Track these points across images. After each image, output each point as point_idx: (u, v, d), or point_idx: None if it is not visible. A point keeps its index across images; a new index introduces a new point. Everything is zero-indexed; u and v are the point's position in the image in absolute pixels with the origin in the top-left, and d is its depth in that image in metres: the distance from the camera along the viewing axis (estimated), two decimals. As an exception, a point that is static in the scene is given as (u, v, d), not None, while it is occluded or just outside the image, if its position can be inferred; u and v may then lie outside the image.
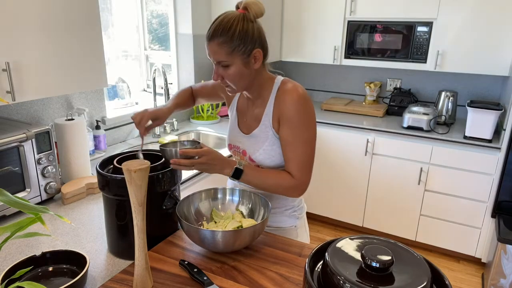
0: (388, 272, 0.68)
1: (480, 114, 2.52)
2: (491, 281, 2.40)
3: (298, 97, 1.20)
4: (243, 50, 1.13)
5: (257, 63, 1.18)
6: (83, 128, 1.66)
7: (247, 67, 1.17)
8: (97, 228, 1.34)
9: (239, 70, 1.16)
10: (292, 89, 1.22)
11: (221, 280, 1.02)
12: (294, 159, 1.23)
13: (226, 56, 1.13)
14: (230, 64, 1.15)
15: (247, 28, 1.12)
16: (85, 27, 1.53)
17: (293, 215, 1.41)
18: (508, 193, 2.49)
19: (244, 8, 1.14)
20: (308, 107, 1.22)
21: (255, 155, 1.29)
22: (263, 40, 1.18)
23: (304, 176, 1.23)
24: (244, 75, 1.18)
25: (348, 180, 3.07)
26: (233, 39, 1.11)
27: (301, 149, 1.22)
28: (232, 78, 1.18)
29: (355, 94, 3.51)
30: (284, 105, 1.21)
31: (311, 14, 3.13)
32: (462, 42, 2.67)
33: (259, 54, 1.17)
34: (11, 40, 1.31)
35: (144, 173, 0.93)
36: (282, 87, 1.24)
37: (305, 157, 1.23)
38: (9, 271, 0.97)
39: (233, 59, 1.14)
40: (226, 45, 1.12)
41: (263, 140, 1.27)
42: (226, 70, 1.17)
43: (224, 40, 1.12)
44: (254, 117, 1.31)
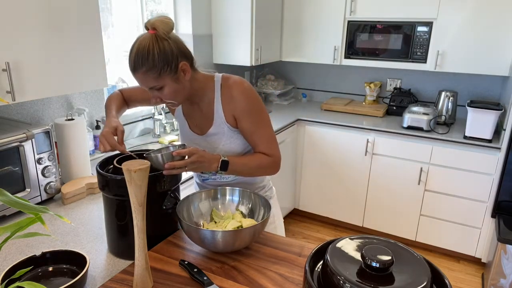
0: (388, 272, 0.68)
1: (480, 114, 2.52)
2: (491, 281, 2.40)
3: (244, 90, 1.27)
4: (169, 70, 1.14)
5: (187, 75, 1.19)
6: (83, 128, 1.66)
7: (179, 82, 1.18)
8: (97, 228, 1.34)
9: (173, 88, 1.17)
10: (237, 83, 1.28)
11: (221, 280, 1.02)
12: (263, 142, 1.32)
13: (155, 81, 1.14)
14: (162, 86, 1.16)
15: (163, 47, 1.11)
16: (85, 27, 1.53)
17: (265, 195, 1.50)
18: (508, 193, 2.49)
19: (153, 28, 1.12)
20: (255, 95, 1.30)
21: (216, 152, 1.33)
22: (184, 51, 1.18)
23: (276, 151, 1.34)
24: (179, 90, 1.20)
25: (348, 180, 3.07)
26: (155, 63, 1.11)
27: (265, 131, 1.32)
28: (169, 97, 1.20)
29: (355, 94, 3.51)
30: (235, 102, 1.27)
31: (311, 14, 3.13)
32: (462, 42, 2.67)
33: (185, 66, 1.17)
34: (11, 40, 1.31)
35: (144, 173, 0.93)
36: (225, 84, 1.28)
37: (270, 135, 1.33)
38: (9, 271, 0.97)
39: (163, 81, 1.15)
40: (151, 71, 1.12)
41: (220, 136, 1.32)
42: (161, 92, 1.18)
43: (147, 68, 1.11)
44: (204, 117, 1.33)
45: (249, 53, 2.95)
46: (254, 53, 2.96)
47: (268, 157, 1.32)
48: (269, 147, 1.32)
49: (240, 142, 1.34)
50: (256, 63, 3.01)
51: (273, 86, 3.53)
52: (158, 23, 1.11)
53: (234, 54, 3.03)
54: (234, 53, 3.02)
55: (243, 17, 2.89)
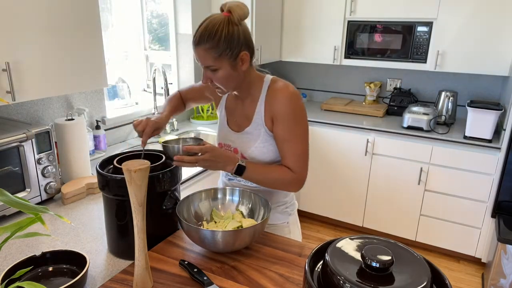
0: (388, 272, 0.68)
1: (480, 114, 2.52)
2: (491, 281, 2.40)
3: (290, 95, 1.24)
4: (230, 54, 1.15)
5: (244, 65, 1.20)
6: (83, 128, 1.66)
7: (234, 69, 1.18)
8: (97, 228, 1.34)
9: (227, 73, 1.18)
10: (284, 88, 1.25)
11: (221, 280, 1.02)
12: (292, 154, 1.26)
13: (214, 60, 1.15)
14: (218, 68, 1.16)
15: (232, 32, 1.13)
16: (85, 27, 1.53)
17: (285, 211, 1.42)
18: (508, 193, 2.49)
19: (228, 11, 1.14)
20: (300, 104, 1.26)
21: (248, 152, 1.31)
22: (249, 42, 1.20)
23: (303, 169, 1.27)
24: (232, 77, 1.20)
25: (348, 180, 3.07)
26: (219, 44, 1.12)
27: (298, 145, 1.25)
28: (221, 81, 1.20)
29: (355, 94, 3.51)
30: (277, 104, 1.24)
31: (311, 14, 3.13)
32: (462, 42, 2.67)
33: (246, 56, 1.18)
34: (11, 40, 1.31)
35: (144, 173, 0.93)
36: (273, 86, 1.28)
37: (302, 151, 1.26)
38: (9, 271, 0.97)
39: (221, 63, 1.15)
40: (213, 50, 1.13)
41: (255, 137, 1.29)
42: (214, 74, 1.18)
43: (210, 46, 1.12)
44: (244, 115, 1.32)
45: (249, 53, 2.95)
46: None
47: (291, 173, 1.25)
48: (296, 162, 1.26)
49: (274, 148, 1.30)
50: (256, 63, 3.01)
51: (273, 86, 3.52)
52: (235, 7, 1.13)
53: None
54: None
55: (243, 17, 2.88)
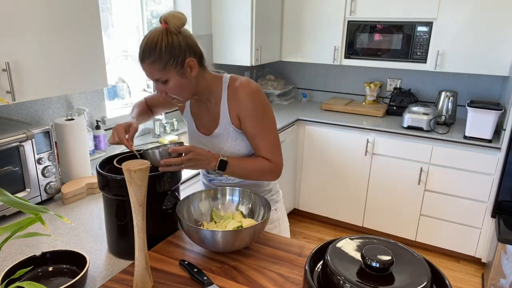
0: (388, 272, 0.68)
1: (480, 114, 2.52)
2: (491, 281, 2.40)
3: (251, 92, 1.26)
4: (175, 63, 1.15)
5: (193, 71, 1.19)
6: (83, 128, 1.66)
7: (184, 77, 1.18)
8: (97, 228, 1.34)
9: (177, 82, 1.18)
10: (244, 85, 1.27)
11: (221, 280, 1.02)
12: (265, 146, 1.30)
13: (160, 73, 1.15)
14: (167, 79, 1.17)
15: (172, 41, 1.13)
16: (85, 27, 1.53)
17: (272, 199, 1.49)
18: (508, 193, 2.49)
19: (165, 22, 1.14)
20: (262, 98, 1.29)
21: (221, 153, 1.32)
22: (194, 48, 1.19)
23: (278, 158, 1.32)
24: (184, 85, 1.20)
25: (348, 180, 3.07)
26: (161, 56, 1.13)
27: (269, 136, 1.30)
28: (174, 91, 1.20)
29: (355, 94, 3.51)
30: (240, 103, 1.26)
31: (311, 14, 3.13)
32: (462, 42, 2.67)
33: (192, 62, 1.18)
34: (11, 40, 1.31)
35: (144, 173, 0.93)
36: (232, 84, 1.28)
37: (274, 142, 1.31)
38: (9, 271, 0.97)
39: (168, 74, 1.15)
40: (157, 63, 1.13)
41: (226, 137, 1.32)
42: (166, 86, 1.18)
43: (153, 60, 1.13)
44: (211, 117, 1.34)
45: (249, 53, 2.95)
46: (254, 53, 2.96)
47: (269, 163, 1.30)
48: (270, 153, 1.30)
49: (246, 144, 1.33)
50: (256, 63, 3.01)
51: (273, 86, 3.53)
52: (170, 17, 1.14)
53: (234, 54, 3.03)
54: (234, 53, 3.02)
55: (243, 17, 2.89)
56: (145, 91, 3.00)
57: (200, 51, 1.22)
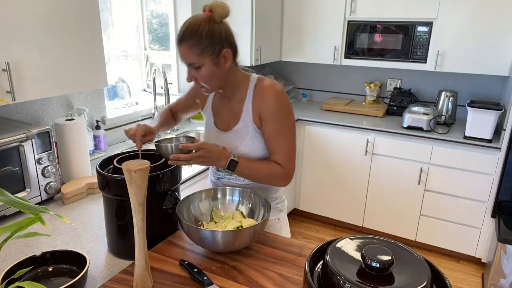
0: (388, 272, 0.68)
1: (480, 114, 2.52)
2: (491, 281, 2.40)
3: (277, 93, 1.27)
4: (212, 51, 1.17)
5: (227, 62, 1.22)
6: (83, 128, 1.66)
7: (217, 66, 1.20)
8: (97, 228, 1.34)
9: (210, 70, 1.19)
10: (270, 86, 1.28)
11: (221, 280, 1.02)
12: (280, 150, 1.29)
13: (196, 57, 1.17)
14: (201, 65, 1.18)
15: (213, 29, 1.16)
16: (85, 27, 1.53)
17: (276, 207, 1.45)
18: (508, 193, 2.49)
19: (210, 10, 1.18)
20: (286, 101, 1.29)
21: (237, 150, 1.32)
22: (231, 40, 1.22)
23: (291, 164, 1.31)
24: (215, 74, 1.21)
25: (348, 180, 3.07)
26: (201, 40, 1.15)
27: (286, 141, 1.29)
28: (204, 79, 1.21)
29: (355, 94, 3.51)
30: (265, 102, 1.27)
31: (311, 14, 3.13)
32: (462, 42, 2.67)
33: (228, 53, 1.20)
34: (11, 40, 1.31)
35: (144, 173, 0.93)
36: (259, 84, 1.30)
37: (290, 147, 1.30)
38: (9, 271, 0.97)
39: (203, 60, 1.17)
40: (195, 47, 1.16)
41: (244, 135, 1.31)
42: (198, 71, 1.20)
43: (192, 43, 1.15)
44: (232, 114, 1.34)
45: (249, 53, 2.95)
46: (254, 53, 2.96)
47: (280, 168, 1.28)
48: (285, 158, 1.29)
49: (262, 146, 1.32)
50: (256, 63, 3.01)
51: (273, 86, 3.52)
52: (216, 6, 1.18)
53: (234, 54, 3.02)
54: (234, 53, 3.02)
55: (243, 17, 2.88)
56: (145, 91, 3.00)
57: (236, 45, 1.25)
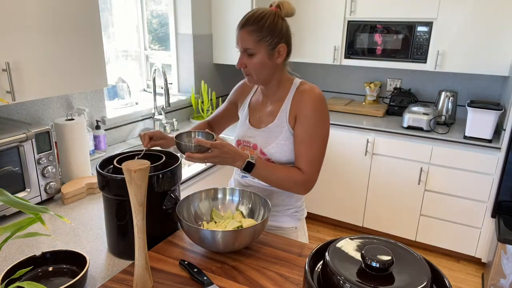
0: (388, 272, 0.68)
1: (480, 114, 2.52)
2: (491, 281, 2.40)
3: (316, 97, 1.27)
4: (270, 42, 1.22)
5: (280, 57, 1.25)
6: (83, 128, 1.66)
7: (270, 59, 1.24)
8: (97, 228, 1.34)
9: (262, 60, 1.23)
10: (311, 89, 1.29)
11: (221, 280, 1.02)
12: (306, 155, 1.26)
13: (253, 44, 1.21)
14: (255, 53, 1.23)
15: (276, 22, 1.21)
16: (85, 27, 1.53)
17: (294, 215, 1.42)
18: (508, 193, 2.49)
19: (277, 6, 1.23)
20: (324, 107, 1.28)
21: (267, 148, 1.32)
22: (289, 39, 1.27)
23: (314, 172, 1.27)
24: (266, 66, 1.25)
25: (348, 180, 3.07)
26: (263, 29, 1.20)
27: (314, 147, 1.27)
28: (254, 67, 1.25)
29: (355, 94, 3.51)
30: (302, 104, 1.27)
31: (311, 14, 3.13)
32: (462, 42, 2.67)
33: (283, 49, 1.25)
34: (11, 40, 1.31)
35: (144, 173, 0.93)
36: (301, 87, 1.31)
37: (317, 154, 1.27)
38: (9, 271, 0.97)
39: (259, 48, 1.22)
40: (255, 33, 1.20)
41: (277, 134, 1.31)
42: (250, 59, 1.24)
43: (254, 29, 1.20)
44: (268, 112, 1.35)
45: (249, 53, 2.95)
46: (254, 53, 2.96)
47: (301, 174, 1.26)
48: (308, 164, 1.26)
49: (292, 149, 1.31)
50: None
51: (273, 86, 3.52)
52: (285, 4, 1.24)
53: (234, 54, 3.03)
54: (234, 53, 3.02)
55: (243, 17, 2.88)
56: (145, 91, 3.00)
57: (291, 47, 1.29)
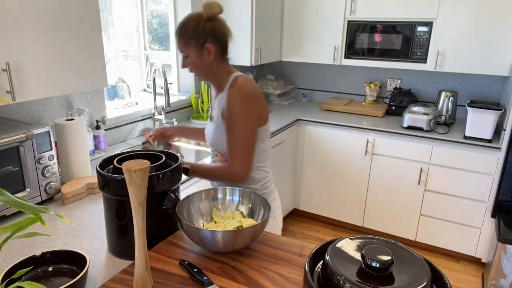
0: (388, 272, 0.68)
1: (480, 114, 2.52)
2: (491, 281, 2.40)
3: (241, 93, 1.36)
4: (195, 44, 1.34)
5: (210, 55, 1.36)
6: (83, 128, 1.66)
7: (201, 58, 1.36)
8: (97, 228, 1.34)
9: (194, 60, 1.37)
10: (240, 85, 1.38)
11: (221, 280, 1.02)
12: (230, 148, 1.39)
13: (183, 48, 1.36)
14: (188, 55, 1.37)
15: (198, 25, 1.32)
16: (85, 27, 1.53)
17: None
18: (508, 193, 2.49)
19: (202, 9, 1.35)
20: (247, 104, 1.36)
21: (213, 140, 1.47)
22: (219, 36, 1.37)
23: (238, 164, 1.38)
24: (200, 65, 1.38)
25: (348, 180, 3.07)
26: (186, 34, 1.34)
27: (236, 141, 1.37)
28: (192, 67, 1.40)
29: (355, 94, 3.51)
30: (229, 99, 1.37)
31: (311, 14, 3.13)
32: (462, 42, 2.67)
33: (211, 47, 1.35)
34: (11, 40, 1.31)
35: (144, 173, 0.93)
36: (233, 82, 1.40)
37: (238, 148, 1.38)
38: (9, 271, 0.97)
39: (189, 50, 1.36)
40: (182, 39, 1.35)
41: (217, 126, 1.44)
42: (186, 60, 1.39)
43: (180, 35, 1.35)
44: (215, 106, 1.48)
45: (249, 53, 2.95)
46: (254, 53, 2.96)
47: (226, 167, 1.40)
48: (232, 157, 1.38)
49: None
50: (256, 63, 3.01)
51: (273, 86, 3.53)
52: (206, 6, 1.33)
53: (234, 54, 2.99)
54: (234, 53, 2.98)
55: (243, 17, 2.89)
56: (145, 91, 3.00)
57: (225, 42, 1.40)
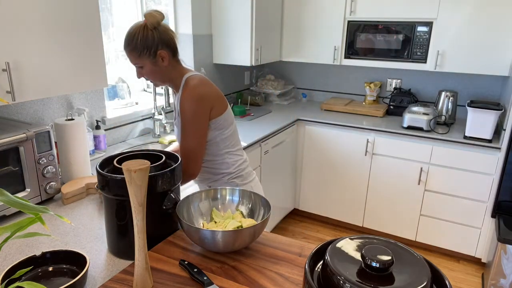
0: (388, 272, 0.68)
1: (480, 114, 2.52)
2: (491, 281, 2.40)
3: (191, 95, 1.39)
4: (148, 54, 1.36)
5: (164, 61, 1.39)
6: (83, 128, 1.66)
7: (156, 65, 1.39)
8: (97, 228, 1.34)
9: (150, 69, 1.40)
10: (190, 89, 1.40)
11: (221, 280, 1.02)
12: (181, 147, 1.45)
13: (137, 60, 1.38)
14: (142, 65, 1.39)
15: (146, 35, 1.34)
16: (85, 27, 1.53)
17: (232, 182, 1.59)
18: (508, 193, 2.49)
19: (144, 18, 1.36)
20: (196, 106, 1.39)
21: (178, 140, 1.52)
22: (167, 42, 1.38)
23: (188, 163, 1.44)
24: (156, 72, 1.41)
25: (348, 180, 3.07)
26: (137, 46, 1.35)
27: (185, 141, 1.43)
28: (148, 76, 1.43)
29: (355, 94, 3.51)
30: (181, 100, 1.41)
31: (311, 14, 3.13)
32: (462, 42, 2.67)
33: (164, 54, 1.38)
34: (11, 40, 1.31)
35: (144, 173, 0.93)
36: (185, 85, 1.43)
37: (187, 147, 1.43)
38: (9, 271, 0.97)
39: (143, 61, 1.38)
40: (134, 52, 1.36)
41: (178, 127, 1.50)
42: (142, 70, 1.41)
43: (131, 49, 1.36)
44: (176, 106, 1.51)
45: (249, 53, 2.95)
46: (254, 53, 2.96)
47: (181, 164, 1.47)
48: (182, 156, 1.44)
49: None
50: (256, 63, 3.01)
51: (273, 86, 3.53)
52: (148, 16, 1.35)
53: (234, 54, 3.03)
54: (234, 53, 3.02)
55: (243, 17, 2.89)
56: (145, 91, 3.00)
57: (174, 46, 1.42)
